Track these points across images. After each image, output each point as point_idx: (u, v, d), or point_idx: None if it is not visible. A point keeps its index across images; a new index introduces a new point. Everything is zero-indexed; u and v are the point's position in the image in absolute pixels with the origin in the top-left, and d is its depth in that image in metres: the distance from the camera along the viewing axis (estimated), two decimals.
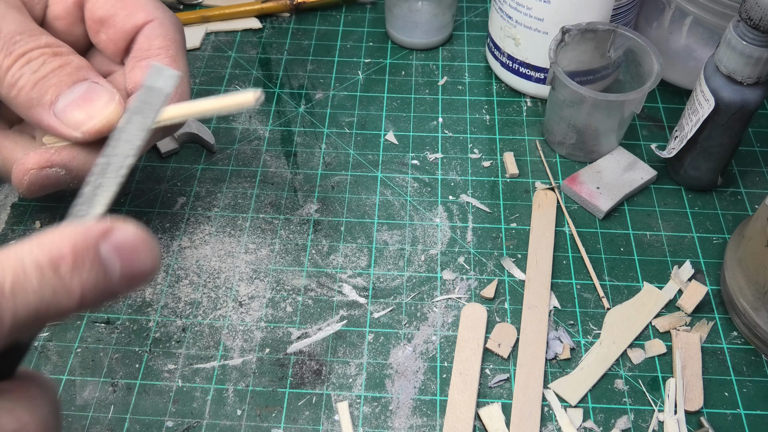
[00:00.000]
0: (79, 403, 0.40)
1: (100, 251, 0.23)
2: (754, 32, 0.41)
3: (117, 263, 0.23)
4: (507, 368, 0.42)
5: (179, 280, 0.45)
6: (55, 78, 0.32)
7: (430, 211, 0.49)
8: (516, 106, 0.56)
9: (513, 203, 0.50)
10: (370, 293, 0.45)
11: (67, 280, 0.22)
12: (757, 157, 0.53)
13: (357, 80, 0.58)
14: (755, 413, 0.40)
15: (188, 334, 0.43)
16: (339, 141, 0.54)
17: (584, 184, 0.50)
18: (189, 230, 0.48)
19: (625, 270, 0.46)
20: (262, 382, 0.41)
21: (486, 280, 0.46)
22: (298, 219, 0.49)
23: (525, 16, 0.52)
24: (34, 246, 0.22)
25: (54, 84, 0.32)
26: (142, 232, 0.25)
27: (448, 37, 0.62)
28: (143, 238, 0.24)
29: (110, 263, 0.23)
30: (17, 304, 0.21)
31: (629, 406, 0.40)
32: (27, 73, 0.32)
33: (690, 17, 0.51)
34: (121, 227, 0.24)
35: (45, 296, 0.22)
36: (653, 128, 0.55)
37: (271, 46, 0.61)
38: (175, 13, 0.62)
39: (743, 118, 0.44)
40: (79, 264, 0.22)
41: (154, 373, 0.41)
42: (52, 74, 0.32)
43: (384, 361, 0.42)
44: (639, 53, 0.50)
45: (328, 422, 0.40)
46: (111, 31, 0.36)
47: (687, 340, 0.42)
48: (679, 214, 0.49)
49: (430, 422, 0.40)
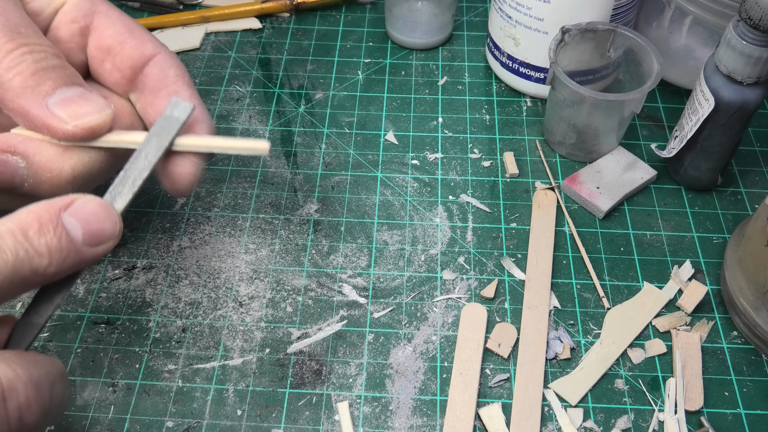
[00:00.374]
0: (79, 404, 0.40)
1: (62, 219, 0.28)
2: (753, 32, 0.41)
3: (78, 228, 0.29)
4: (507, 368, 0.42)
5: (179, 281, 0.45)
6: (54, 73, 0.32)
7: (430, 211, 0.49)
8: (516, 106, 0.56)
9: (513, 203, 0.50)
10: (370, 293, 0.45)
11: (35, 242, 0.27)
12: (757, 157, 0.53)
13: (357, 80, 0.58)
14: (755, 413, 0.40)
15: (188, 335, 0.43)
16: (339, 141, 0.54)
17: (584, 184, 0.50)
18: (189, 230, 0.48)
19: (625, 270, 0.46)
20: (262, 382, 0.41)
21: (486, 280, 0.46)
22: (298, 219, 0.49)
23: (525, 16, 0.52)
24: (6, 219, 0.27)
25: (53, 78, 0.32)
26: (101, 202, 0.30)
27: (448, 37, 0.62)
28: (102, 206, 0.30)
29: (72, 228, 0.28)
30: None
31: (629, 405, 0.40)
32: (28, 61, 0.32)
33: (690, 17, 0.51)
34: (80, 199, 0.29)
35: (19, 255, 0.27)
36: (653, 128, 0.55)
37: (271, 46, 0.61)
38: (176, 13, 0.63)
39: (743, 117, 0.44)
40: (44, 229, 0.28)
41: (154, 374, 0.41)
42: (52, 70, 0.32)
43: (384, 361, 0.42)
44: (639, 53, 0.50)
45: (329, 422, 0.40)
46: (118, 59, 0.36)
47: (687, 340, 0.42)
48: (679, 213, 0.49)
49: (431, 422, 0.40)
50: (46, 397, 0.27)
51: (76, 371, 0.41)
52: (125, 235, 0.48)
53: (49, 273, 0.28)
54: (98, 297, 0.45)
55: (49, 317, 0.30)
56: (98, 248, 0.30)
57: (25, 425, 0.26)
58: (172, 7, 0.64)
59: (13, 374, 0.26)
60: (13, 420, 0.25)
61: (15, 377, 0.26)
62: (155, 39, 0.36)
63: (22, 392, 0.26)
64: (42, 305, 0.30)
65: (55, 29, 0.36)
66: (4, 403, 0.25)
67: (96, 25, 0.36)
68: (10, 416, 0.25)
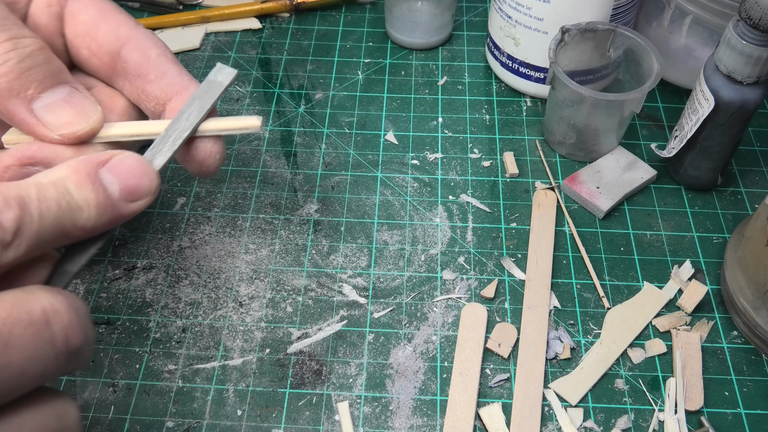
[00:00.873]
0: (80, 404, 0.40)
1: (99, 174, 0.29)
2: (753, 32, 0.41)
3: (115, 183, 0.29)
4: (507, 368, 0.42)
5: (179, 281, 0.45)
6: (39, 73, 0.31)
7: (430, 211, 0.49)
8: (516, 105, 0.56)
9: (513, 203, 0.50)
10: (370, 293, 0.45)
11: (75, 195, 0.27)
12: (757, 157, 0.53)
13: (357, 80, 0.58)
14: (755, 413, 0.40)
15: (188, 335, 0.43)
16: (339, 141, 0.54)
17: (584, 184, 0.50)
18: (189, 230, 0.48)
19: (625, 270, 0.46)
20: (262, 382, 0.41)
21: (486, 279, 0.46)
22: (298, 219, 0.49)
23: (525, 16, 0.52)
24: (46, 172, 0.28)
25: (38, 79, 0.31)
26: (138, 158, 0.30)
27: (448, 37, 0.62)
28: (139, 162, 0.30)
29: (109, 183, 0.29)
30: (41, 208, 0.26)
31: (629, 405, 0.40)
32: (14, 59, 0.30)
33: (690, 17, 0.51)
34: (117, 155, 0.30)
35: (62, 206, 0.27)
36: (653, 128, 0.55)
37: (271, 46, 0.61)
38: (175, 13, 0.63)
39: (743, 117, 0.44)
40: (82, 183, 0.28)
41: (154, 374, 0.41)
42: (38, 69, 0.31)
43: (384, 361, 0.42)
44: (639, 53, 0.50)
45: (329, 422, 0.40)
46: (94, 46, 0.35)
47: (687, 340, 0.42)
48: (679, 213, 0.49)
49: (431, 422, 0.40)
50: (85, 323, 0.27)
51: (76, 371, 0.41)
52: (125, 235, 0.48)
53: (87, 227, 0.28)
54: (98, 297, 0.45)
55: (82, 266, 0.30)
56: (135, 204, 0.30)
57: (71, 348, 0.26)
58: (172, 7, 0.64)
59: (54, 299, 0.26)
60: (59, 341, 0.25)
61: (57, 302, 0.26)
62: (131, 20, 0.35)
63: (66, 315, 0.26)
64: (76, 254, 0.30)
65: (33, 16, 0.35)
66: (49, 326, 0.25)
67: (69, 10, 0.35)
68: (56, 338, 0.25)
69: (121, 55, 0.35)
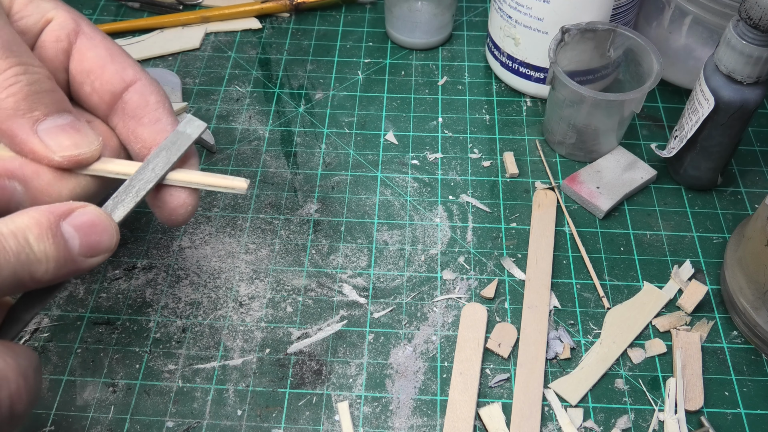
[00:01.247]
0: (80, 404, 0.40)
1: (61, 226, 0.29)
2: (753, 32, 0.41)
3: (76, 238, 0.29)
4: (507, 368, 0.42)
5: (179, 281, 0.45)
6: (47, 98, 0.32)
7: (430, 211, 0.49)
8: (516, 105, 0.56)
9: (513, 203, 0.50)
10: (370, 293, 0.45)
11: (35, 248, 0.27)
12: (757, 157, 0.53)
13: (357, 80, 0.58)
14: (755, 413, 0.40)
15: (188, 335, 0.43)
16: (339, 141, 0.54)
17: (584, 184, 0.50)
18: (189, 230, 0.48)
19: (625, 270, 0.46)
20: (262, 382, 0.41)
21: (486, 279, 0.46)
22: (298, 219, 0.49)
23: (525, 16, 0.52)
24: (7, 220, 0.28)
25: (45, 103, 0.32)
26: (100, 213, 0.30)
27: (448, 37, 0.62)
28: (100, 218, 0.30)
29: (70, 237, 0.29)
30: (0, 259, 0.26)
31: (629, 405, 0.40)
32: (23, 82, 0.31)
33: (690, 17, 0.51)
34: (80, 208, 0.30)
35: (21, 258, 0.27)
36: (653, 128, 0.55)
37: (271, 46, 0.61)
38: (176, 13, 0.63)
39: (743, 117, 0.44)
40: (43, 236, 0.28)
41: (154, 374, 0.41)
42: (45, 94, 0.32)
43: (384, 361, 0.42)
44: (639, 53, 0.50)
45: (329, 422, 0.40)
46: (97, 84, 0.35)
47: (687, 340, 0.42)
48: (679, 213, 0.49)
49: (431, 422, 0.40)
50: (32, 386, 0.28)
51: (76, 371, 0.41)
52: (125, 235, 0.48)
53: (44, 279, 0.28)
54: (98, 297, 0.45)
55: (35, 314, 0.30)
56: (94, 259, 0.30)
57: (15, 414, 0.26)
58: (172, 7, 0.64)
59: (4, 364, 0.26)
60: (4, 408, 0.26)
61: (6, 367, 0.26)
62: (137, 65, 0.36)
63: (13, 381, 0.26)
64: (31, 301, 0.30)
65: (41, 48, 0.35)
66: None
67: (78, 47, 0.35)
68: (2, 405, 0.26)
69: (123, 97, 0.36)
